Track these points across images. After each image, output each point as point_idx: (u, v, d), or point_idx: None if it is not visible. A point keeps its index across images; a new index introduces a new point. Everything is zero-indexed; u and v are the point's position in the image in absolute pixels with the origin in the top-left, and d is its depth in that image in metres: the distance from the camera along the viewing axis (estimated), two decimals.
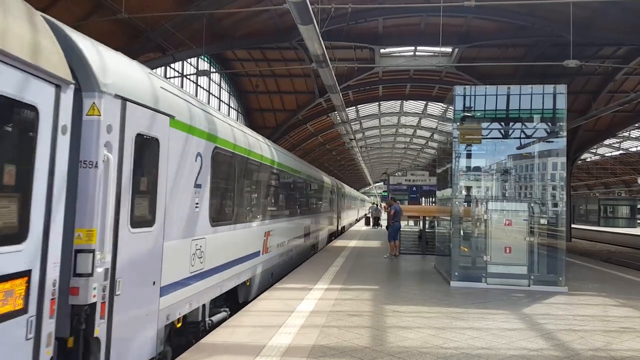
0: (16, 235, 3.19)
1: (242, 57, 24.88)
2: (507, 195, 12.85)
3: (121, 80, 4.50)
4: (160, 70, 19.90)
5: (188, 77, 22.74)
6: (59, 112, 3.53)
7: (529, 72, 22.24)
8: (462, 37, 20.32)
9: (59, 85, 3.53)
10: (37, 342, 3.37)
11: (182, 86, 22.18)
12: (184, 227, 5.81)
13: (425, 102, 34.12)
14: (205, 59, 23.89)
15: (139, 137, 4.72)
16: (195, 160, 6.09)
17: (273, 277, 10.80)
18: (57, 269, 3.58)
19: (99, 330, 4.17)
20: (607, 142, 40.58)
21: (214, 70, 25.14)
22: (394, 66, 24.47)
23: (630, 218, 49.90)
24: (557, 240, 10.76)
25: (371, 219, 36.80)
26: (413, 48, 23.04)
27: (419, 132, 45.39)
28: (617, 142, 42.82)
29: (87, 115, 4.13)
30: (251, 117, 31.03)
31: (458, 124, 11.30)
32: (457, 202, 11.24)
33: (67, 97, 3.64)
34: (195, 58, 22.21)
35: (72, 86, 3.71)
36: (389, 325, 6.86)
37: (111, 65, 4.45)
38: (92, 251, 4.08)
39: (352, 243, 20.70)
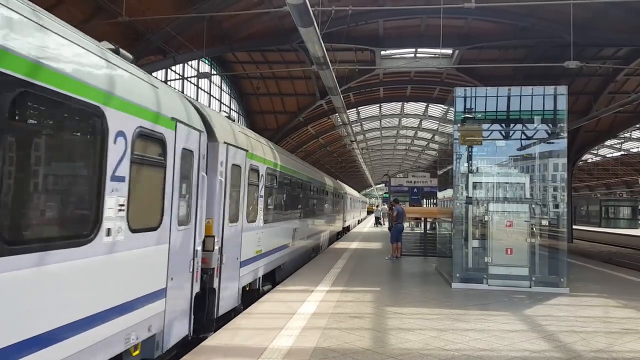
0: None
1: (242, 60, 24.92)
2: (508, 196, 12.83)
3: (224, 133, 7.65)
4: (161, 73, 19.93)
5: (189, 79, 22.77)
6: (200, 146, 6.43)
7: (530, 74, 22.20)
8: (462, 39, 20.32)
9: (201, 131, 6.49)
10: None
11: (182, 89, 22.22)
12: (254, 222, 9.09)
13: (426, 104, 34.14)
14: (206, 62, 23.94)
15: (233, 166, 7.89)
16: (260, 177, 9.49)
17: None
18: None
19: (215, 284, 7.08)
20: (608, 143, 40.50)
21: (215, 72, 25.17)
22: (394, 68, 24.48)
23: (631, 219, 49.84)
24: (558, 241, 10.74)
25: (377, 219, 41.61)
26: (413, 50, 23.02)
27: (420, 134, 45.39)
28: (618, 143, 42.75)
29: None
30: (252, 120, 31.05)
31: (459, 125, 11.30)
32: (458, 204, 11.23)
33: (203, 138, 6.56)
34: (196, 60, 22.26)
35: (205, 133, 6.67)
36: (391, 327, 6.86)
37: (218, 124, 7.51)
38: (213, 237, 6.99)
39: (354, 245, 20.70)
